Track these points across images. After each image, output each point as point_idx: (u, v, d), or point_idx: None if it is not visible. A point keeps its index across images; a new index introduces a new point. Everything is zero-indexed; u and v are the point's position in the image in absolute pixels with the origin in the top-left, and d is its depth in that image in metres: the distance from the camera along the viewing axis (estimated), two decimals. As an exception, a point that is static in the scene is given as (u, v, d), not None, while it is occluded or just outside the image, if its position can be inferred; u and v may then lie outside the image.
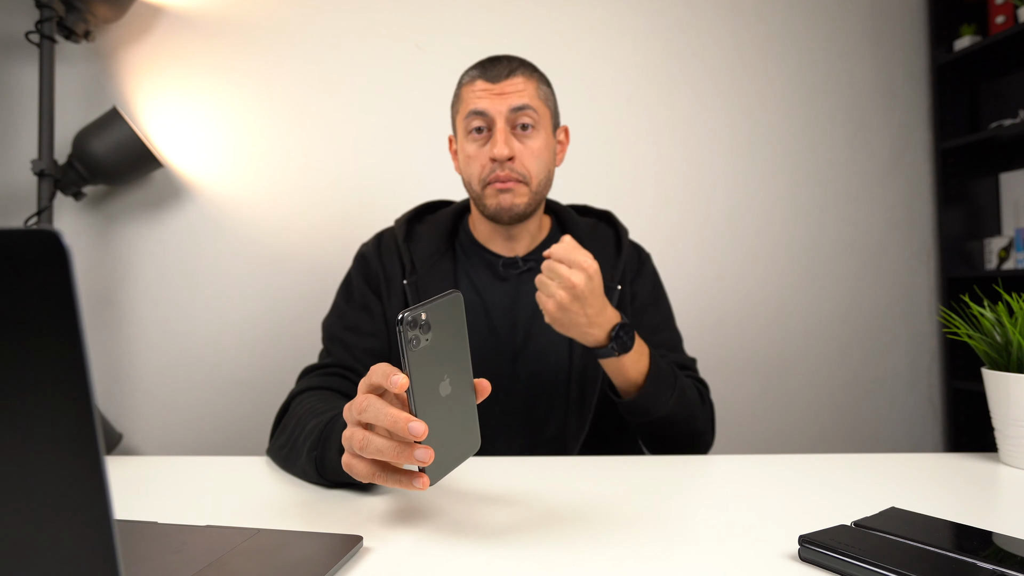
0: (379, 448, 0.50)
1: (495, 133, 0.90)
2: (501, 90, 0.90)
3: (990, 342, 0.77)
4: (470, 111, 0.91)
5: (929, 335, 2.02)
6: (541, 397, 0.95)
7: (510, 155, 0.89)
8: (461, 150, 0.95)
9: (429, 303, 0.49)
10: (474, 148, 0.92)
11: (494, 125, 0.90)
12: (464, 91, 0.93)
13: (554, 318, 0.78)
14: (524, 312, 0.96)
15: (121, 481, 0.72)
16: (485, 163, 0.91)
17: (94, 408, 0.26)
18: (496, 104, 0.89)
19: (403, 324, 0.47)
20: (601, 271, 0.98)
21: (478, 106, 0.90)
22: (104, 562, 0.27)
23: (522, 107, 0.90)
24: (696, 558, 0.49)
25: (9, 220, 1.59)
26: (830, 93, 1.97)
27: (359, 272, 0.99)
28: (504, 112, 0.89)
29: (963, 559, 0.45)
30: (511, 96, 0.90)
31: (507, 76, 0.90)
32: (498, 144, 0.89)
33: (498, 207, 0.92)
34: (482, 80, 0.91)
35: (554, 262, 0.77)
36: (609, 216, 1.08)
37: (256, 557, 0.48)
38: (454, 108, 0.97)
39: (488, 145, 0.91)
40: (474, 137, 0.92)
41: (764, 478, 0.71)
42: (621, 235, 1.04)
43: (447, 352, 0.50)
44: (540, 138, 0.92)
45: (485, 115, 0.90)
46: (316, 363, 0.92)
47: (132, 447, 1.64)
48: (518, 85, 0.91)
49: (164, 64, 1.65)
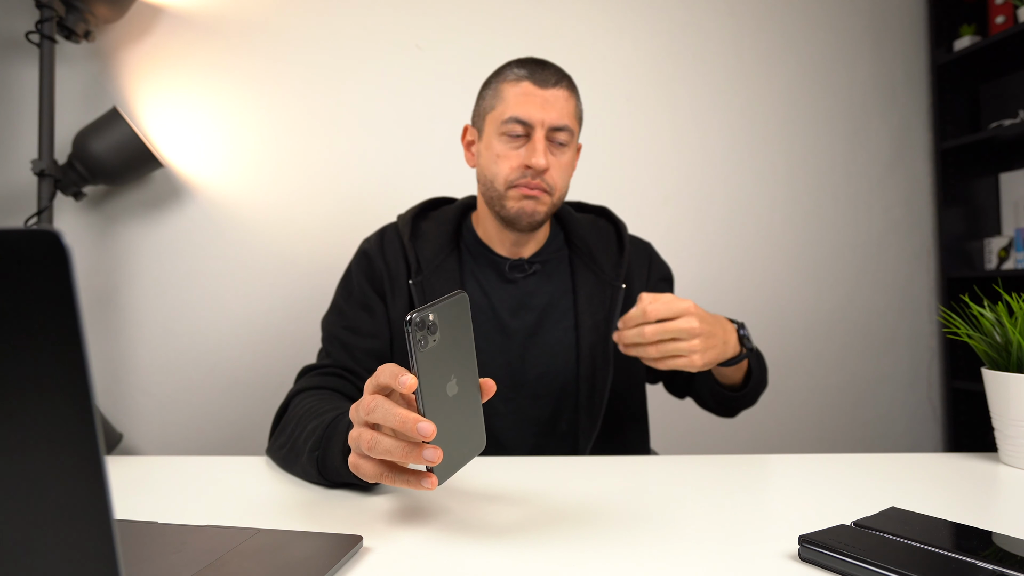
0: (387, 448, 0.50)
1: (534, 141, 0.89)
2: (546, 99, 0.89)
3: (990, 342, 0.77)
4: (512, 116, 0.89)
5: (929, 335, 2.02)
6: (551, 396, 0.95)
7: (547, 167, 0.90)
8: (488, 146, 0.93)
9: (437, 304, 0.49)
10: (506, 149, 0.91)
11: (533, 133, 0.89)
12: (507, 89, 0.91)
13: (706, 362, 0.80)
14: (531, 313, 0.96)
15: (121, 481, 0.72)
16: (516, 166, 0.90)
17: (94, 408, 0.26)
18: (540, 113, 0.89)
19: (411, 325, 0.47)
20: (604, 269, 0.99)
21: (521, 113, 0.89)
22: (104, 562, 0.27)
23: (562, 127, 0.90)
24: (696, 558, 0.49)
25: (9, 220, 1.59)
26: (830, 93, 1.97)
27: (361, 270, 0.97)
28: (546, 124, 0.89)
29: (963, 559, 0.45)
30: (555, 110, 0.89)
31: (554, 85, 0.90)
32: (537, 154, 0.88)
33: (520, 211, 0.91)
34: (529, 83, 0.89)
35: (664, 325, 0.77)
36: (606, 212, 1.08)
37: (256, 557, 0.48)
38: (487, 101, 0.94)
39: (523, 150, 0.90)
40: (508, 139, 0.90)
41: (764, 478, 0.71)
42: (622, 231, 1.03)
43: (454, 352, 0.51)
44: (568, 153, 0.93)
45: (526, 123, 0.89)
46: (315, 363, 0.91)
47: (132, 447, 1.64)
48: (561, 100, 0.90)
49: (164, 64, 1.65)
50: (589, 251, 1.00)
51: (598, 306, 0.96)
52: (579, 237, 1.01)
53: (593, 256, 1.00)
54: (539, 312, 0.96)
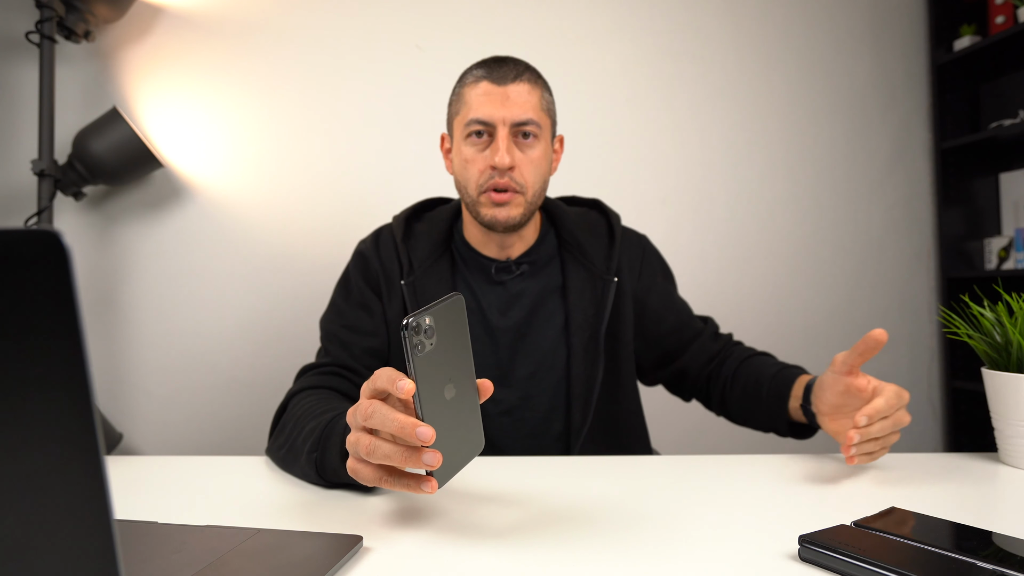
0: (386, 453, 0.50)
1: (497, 140, 0.87)
2: (506, 95, 0.87)
3: (990, 342, 0.77)
4: (473, 118, 0.88)
5: (929, 335, 2.02)
6: (541, 397, 0.95)
7: (512, 165, 0.87)
8: (458, 152, 0.92)
9: (433, 307, 0.49)
10: (472, 152, 0.90)
11: (496, 132, 0.88)
12: (467, 92, 0.90)
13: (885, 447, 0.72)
14: (519, 314, 0.96)
15: (121, 481, 0.72)
16: (483, 168, 0.89)
17: (94, 408, 0.26)
18: (500, 111, 0.87)
19: (408, 330, 0.46)
20: (596, 262, 0.98)
21: (481, 114, 0.88)
22: (104, 562, 0.27)
23: (526, 121, 0.88)
24: (696, 558, 0.49)
25: (9, 220, 1.59)
26: (830, 93, 1.97)
27: (358, 270, 0.98)
28: (508, 121, 0.87)
29: (963, 559, 0.45)
30: (516, 106, 0.87)
31: (513, 80, 0.88)
32: (500, 152, 0.86)
33: (493, 219, 0.90)
34: (487, 82, 0.88)
35: (895, 419, 0.69)
36: (599, 204, 1.07)
37: (256, 557, 0.48)
38: (453, 107, 0.94)
39: (488, 151, 0.89)
40: (473, 140, 0.89)
41: (764, 478, 0.71)
42: (613, 223, 1.02)
43: (451, 355, 0.51)
44: (539, 148, 0.91)
45: (487, 123, 0.88)
46: (314, 362, 0.91)
47: (132, 447, 1.64)
48: (523, 94, 0.88)
49: (164, 64, 1.65)
50: (579, 245, 0.99)
51: (589, 301, 0.96)
52: (568, 232, 1.00)
53: (583, 250, 0.98)
54: (528, 312, 0.96)
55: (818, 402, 0.77)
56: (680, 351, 1.02)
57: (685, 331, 1.02)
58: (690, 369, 1.01)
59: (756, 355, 0.98)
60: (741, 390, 0.94)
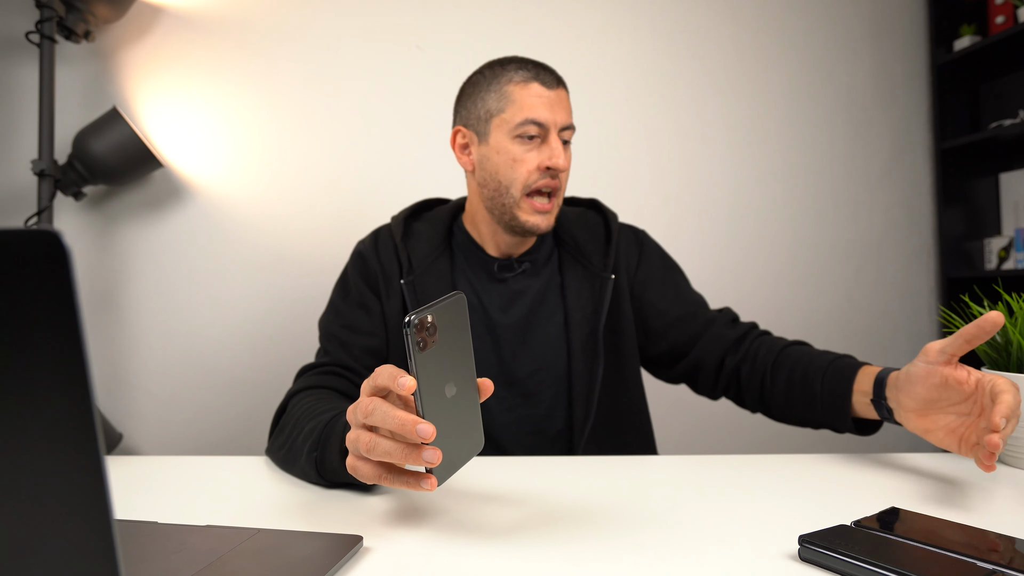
0: (387, 450, 0.50)
1: (551, 142, 0.90)
2: (557, 99, 0.90)
3: (990, 342, 0.77)
4: (529, 118, 0.89)
5: (929, 335, 2.02)
6: (544, 393, 0.95)
7: (568, 166, 0.91)
8: (500, 150, 0.91)
9: (435, 305, 0.49)
10: (521, 151, 0.91)
11: (548, 134, 0.90)
12: (516, 91, 0.90)
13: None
14: (521, 311, 0.96)
15: (121, 481, 0.72)
16: (533, 168, 0.90)
17: (94, 408, 0.26)
18: (553, 114, 0.90)
19: (410, 327, 0.46)
20: (593, 260, 0.98)
21: (537, 115, 0.89)
22: (104, 562, 0.27)
23: (571, 126, 0.92)
24: (696, 558, 0.49)
25: (9, 220, 1.59)
26: (830, 93, 1.97)
27: (357, 270, 0.98)
28: (559, 124, 0.90)
29: (963, 559, 0.45)
30: (563, 111, 0.91)
31: (558, 85, 0.92)
32: (558, 155, 0.89)
33: (536, 227, 0.92)
34: (538, 84, 0.90)
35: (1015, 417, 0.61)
36: (596, 203, 1.08)
37: (256, 557, 0.48)
38: (491, 104, 0.92)
39: (536, 152, 0.90)
40: (523, 141, 0.90)
41: (764, 478, 0.71)
42: (610, 221, 1.03)
43: (452, 353, 0.51)
44: (570, 153, 0.95)
45: (543, 125, 0.89)
46: (313, 362, 0.92)
47: (132, 447, 1.64)
48: (565, 100, 0.92)
49: (164, 64, 1.65)
50: (576, 244, 1.00)
51: (587, 299, 0.96)
52: (566, 231, 1.01)
53: (581, 249, 1.00)
54: (529, 309, 0.97)
55: (903, 396, 0.68)
56: (690, 344, 0.98)
57: (693, 322, 0.98)
58: (704, 361, 0.96)
59: (792, 344, 0.91)
60: (786, 385, 0.87)
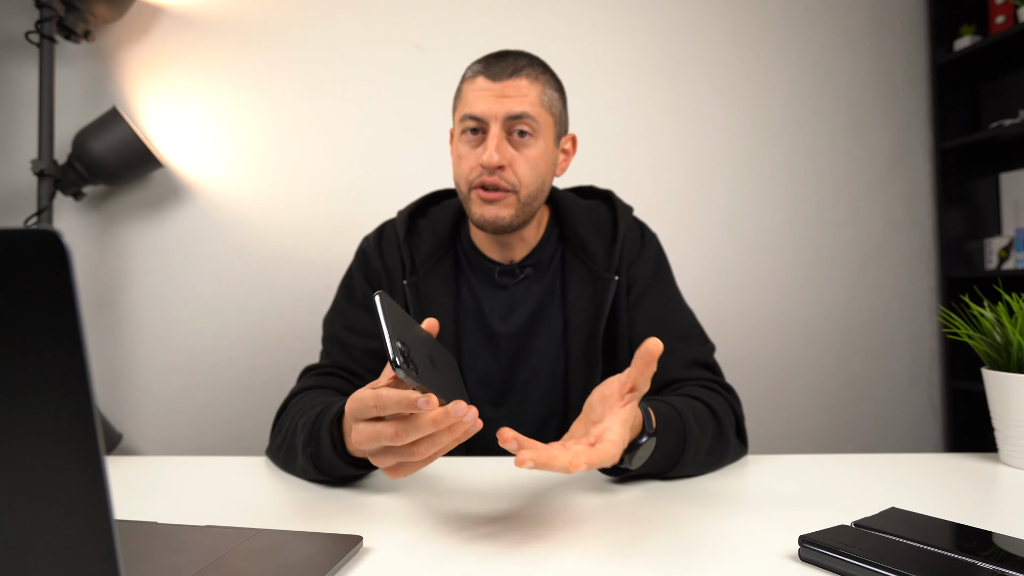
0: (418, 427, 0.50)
1: (488, 138, 0.84)
2: (501, 91, 0.84)
3: (990, 342, 0.77)
4: (466, 113, 0.86)
5: (929, 335, 2.02)
6: (539, 402, 0.94)
7: (500, 163, 0.84)
8: (454, 148, 0.91)
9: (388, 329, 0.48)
10: (466, 149, 0.88)
11: (488, 128, 0.85)
12: (464, 87, 0.88)
13: None
14: (520, 319, 0.94)
15: (121, 481, 0.72)
16: (474, 166, 0.86)
17: (94, 408, 0.26)
18: (492, 107, 0.84)
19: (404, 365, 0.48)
20: (596, 260, 0.93)
21: (474, 109, 0.85)
22: (104, 562, 0.27)
23: (520, 115, 0.84)
24: (696, 558, 0.49)
25: (9, 220, 1.59)
26: (830, 93, 1.97)
27: (360, 269, 0.96)
28: (500, 117, 0.84)
29: (963, 559, 0.45)
30: (511, 100, 0.84)
31: (510, 75, 0.84)
32: (488, 150, 0.83)
33: (482, 218, 0.87)
34: (483, 77, 0.85)
35: None
36: (609, 196, 1.01)
37: (256, 557, 0.48)
38: (454, 103, 0.92)
39: (480, 148, 0.86)
40: (468, 137, 0.87)
41: (764, 478, 0.71)
42: (619, 218, 0.96)
43: (419, 341, 0.54)
44: (538, 147, 0.87)
45: (480, 119, 0.85)
46: (315, 363, 0.92)
47: (132, 447, 1.64)
48: (521, 88, 0.84)
49: (164, 64, 1.65)
50: (581, 242, 0.95)
51: (588, 302, 0.92)
52: (571, 228, 0.96)
53: (585, 248, 0.94)
54: (529, 316, 0.94)
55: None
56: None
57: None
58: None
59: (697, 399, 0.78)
60: None
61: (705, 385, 0.83)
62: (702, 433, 0.71)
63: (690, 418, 0.70)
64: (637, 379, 0.54)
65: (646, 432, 0.62)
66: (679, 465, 0.69)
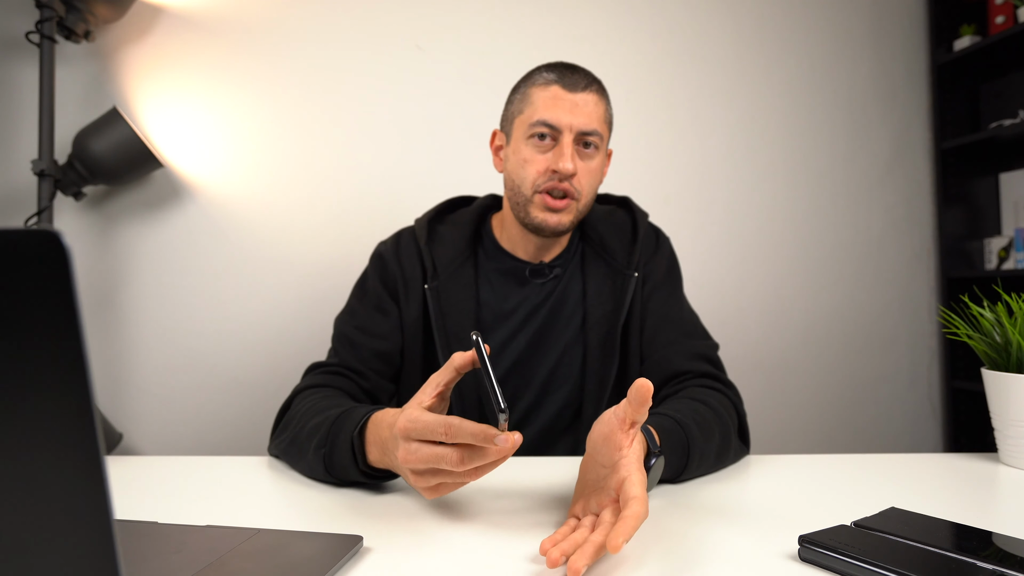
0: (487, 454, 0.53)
1: (562, 145, 0.88)
2: (575, 102, 0.88)
3: (990, 342, 0.77)
4: (539, 119, 0.88)
5: (929, 335, 2.02)
6: (557, 394, 0.97)
7: (575, 172, 0.88)
8: (516, 151, 0.92)
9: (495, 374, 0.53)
10: (533, 152, 0.90)
11: (561, 137, 0.89)
12: (535, 93, 0.90)
13: None
14: (544, 315, 0.97)
15: (121, 481, 0.72)
16: (543, 171, 0.89)
17: (94, 408, 0.26)
18: (567, 117, 0.88)
19: (503, 410, 0.51)
20: (616, 257, 0.98)
21: (549, 117, 0.88)
22: (104, 562, 0.27)
23: (591, 132, 0.89)
24: (696, 558, 0.49)
25: (9, 220, 1.59)
26: (830, 93, 1.96)
27: (376, 273, 0.98)
28: (575, 128, 0.88)
29: (963, 559, 0.45)
30: (583, 115, 0.88)
31: (583, 88, 0.89)
32: (565, 158, 0.87)
33: (544, 222, 0.91)
34: (558, 86, 0.89)
35: None
36: (626, 202, 1.07)
37: (256, 557, 0.48)
38: (515, 105, 0.93)
39: (551, 154, 0.89)
40: (536, 142, 0.90)
41: (764, 478, 0.71)
42: (638, 221, 1.02)
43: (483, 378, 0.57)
44: (597, 159, 0.93)
45: (554, 127, 0.88)
46: (323, 360, 0.92)
47: (132, 447, 1.64)
48: (590, 104, 0.89)
49: (164, 64, 1.65)
50: (601, 240, 1.00)
51: (607, 296, 0.96)
52: (592, 227, 1.01)
53: (605, 246, 0.99)
54: (550, 311, 0.97)
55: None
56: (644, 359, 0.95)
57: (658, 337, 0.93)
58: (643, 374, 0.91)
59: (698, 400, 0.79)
60: None
61: (708, 384, 0.85)
62: (705, 440, 0.71)
63: (692, 426, 0.71)
64: (634, 416, 0.54)
65: (652, 453, 0.62)
66: (683, 473, 0.70)
